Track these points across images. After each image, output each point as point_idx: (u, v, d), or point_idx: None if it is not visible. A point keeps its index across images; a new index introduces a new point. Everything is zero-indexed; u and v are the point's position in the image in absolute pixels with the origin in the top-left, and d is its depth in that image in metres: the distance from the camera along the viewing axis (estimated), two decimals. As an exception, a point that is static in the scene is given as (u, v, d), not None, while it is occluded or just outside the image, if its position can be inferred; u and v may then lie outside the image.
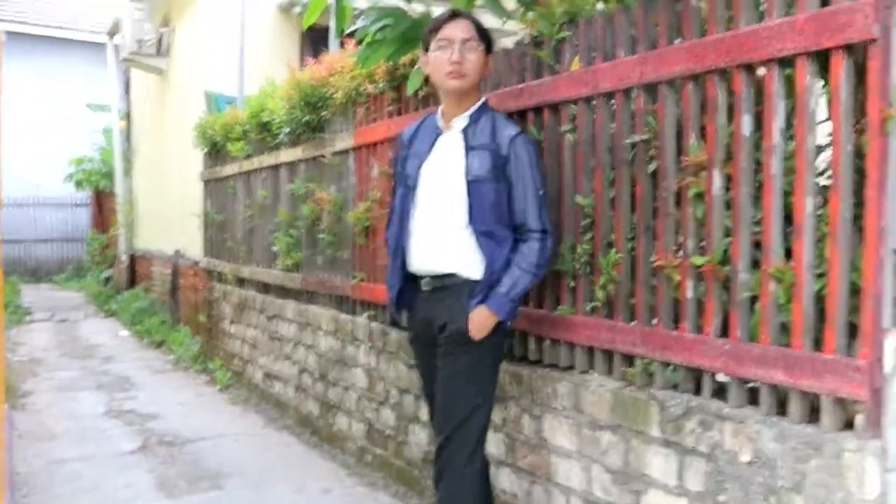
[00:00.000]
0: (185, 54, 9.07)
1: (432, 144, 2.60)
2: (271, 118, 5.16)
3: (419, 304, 2.63)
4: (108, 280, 12.81)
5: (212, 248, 6.88)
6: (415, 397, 3.62)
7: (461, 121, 2.57)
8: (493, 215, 2.48)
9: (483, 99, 2.62)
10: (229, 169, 6.24)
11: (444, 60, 2.49)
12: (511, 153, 2.50)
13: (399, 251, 2.63)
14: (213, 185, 6.81)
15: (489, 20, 3.18)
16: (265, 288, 5.63)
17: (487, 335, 2.47)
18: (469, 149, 2.52)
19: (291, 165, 5.08)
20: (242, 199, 6.04)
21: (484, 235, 2.47)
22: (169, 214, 9.40)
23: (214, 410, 5.46)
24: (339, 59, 4.37)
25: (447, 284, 2.53)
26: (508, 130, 2.53)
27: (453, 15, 2.56)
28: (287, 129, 4.92)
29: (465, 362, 2.50)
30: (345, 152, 4.34)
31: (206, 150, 6.82)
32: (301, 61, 6.71)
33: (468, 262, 2.50)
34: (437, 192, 2.55)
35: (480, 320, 2.45)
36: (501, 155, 2.50)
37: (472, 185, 2.48)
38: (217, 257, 6.70)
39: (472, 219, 2.48)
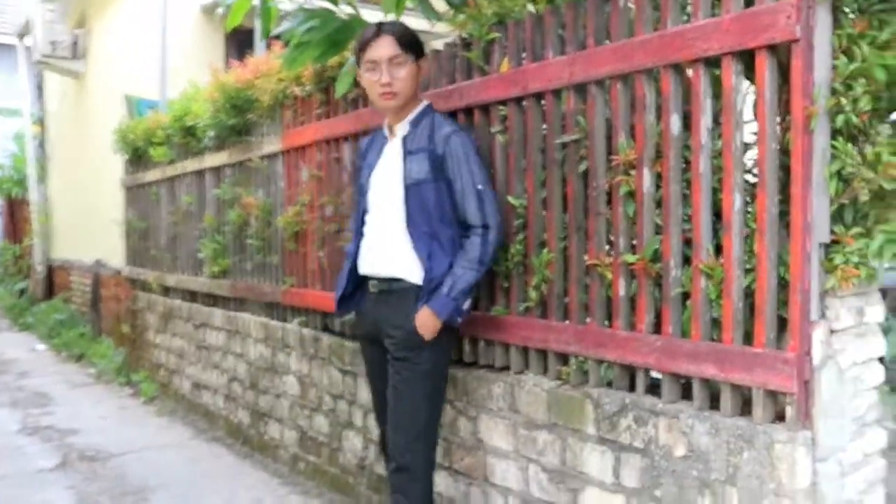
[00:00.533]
0: (104, 57, 8.79)
1: (379, 154, 2.69)
2: (196, 122, 5.03)
3: (367, 306, 2.69)
4: (22, 292, 12.26)
5: (135, 256, 6.66)
6: (348, 403, 3.57)
7: (402, 128, 2.64)
8: (436, 216, 2.53)
9: (424, 103, 2.68)
10: (152, 175, 6.06)
11: (374, 83, 2.55)
12: (446, 151, 2.54)
13: (352, 255, 2.72)
14: (135, 192, 6.59)
15: (419, 23, 3.17)
16: (192, 296, 5.48)
17: (435, 338, 2.50)
18: (407, 153, 2.58)
19: (217, 170, 4.96)
20: (166, 205, 5.87)
21: (424, 238, 2.51)
22: (88, 222, 9.08)
23: (139, 423, 5.28)
24: (264, 61, 4.28)
25: (394, 289, 2.58)
26: (444, 130, 2.57)
27: (377, 32, 2.56)
28: (212, 133, 4.80)
29: (415, 368, 2.52)
30: (273, 156, 4.25)
31: (127, 155, 6.60)
32: (226, 64, 6.58)
33: (412, 267, 2.54)
34: (381, 198, 2.63)
35: (423, 321, 2.48)
36: (438, 154, 2.54)
37: (411, 188, 2.53)
38: (141, 266, 6.49)
39: (410, 222, 2.53)
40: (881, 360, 2.05)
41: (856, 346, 1.96)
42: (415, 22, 2.96)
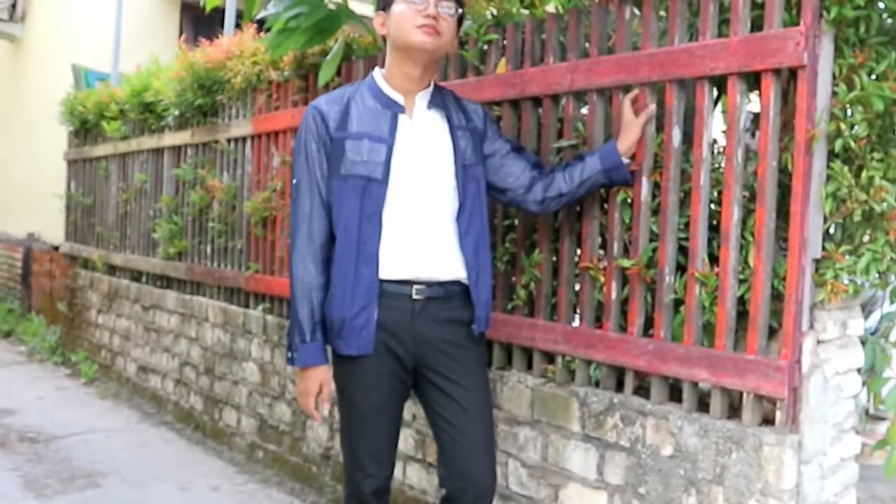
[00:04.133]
0: (46, 23, 8.45)
1: (393, 126, 2.13)
2: (157, 99, 4.91)
3: (398, 318, 2.12)
4: (-62, 263, 11.71)
5: (76, 232, 6.46)
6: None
7: (425, 95, 2.19)
8: (485, 205, 2.24)
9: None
10: (102, 149, 5.88)
11: (414, 13, 2.03)
12: (488, 125, 2.29)
13: (371, 258, 2.10)
14: (80, 166, 6.38)
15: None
16: (141, 276, 5.35)
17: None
18: (454, 129, 2.19)
19: (178, 150, 4.86)
20: (116, 181, 5.71)
21: (473, 232, 2.18)
22: (20, 194, 8.73)
23: (81, 405, 5.13)
24: (237, 42, 4.22)
25: (450, 294, 2.17)
26: (472, 104, 2.31)
27: None
28: (176, 112, 4.70)
29: (482, 377, 2.24)
30: (242, 139, 4.20)
31: (73, 128, 6.39)
32: (180, 40, 6.43)
33: (461, 265, 2.18)
34: (423, 184, 2.14)
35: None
36: (480, 130, 2.26)
37: (469, 171, 2.19)
38: (83, 242, 6.30)
39: (462, 212, 2.16)
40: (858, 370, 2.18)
41: (839, 357, 2.08)
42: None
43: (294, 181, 2.18)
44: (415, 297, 2.12)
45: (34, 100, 8.32)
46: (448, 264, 2.15)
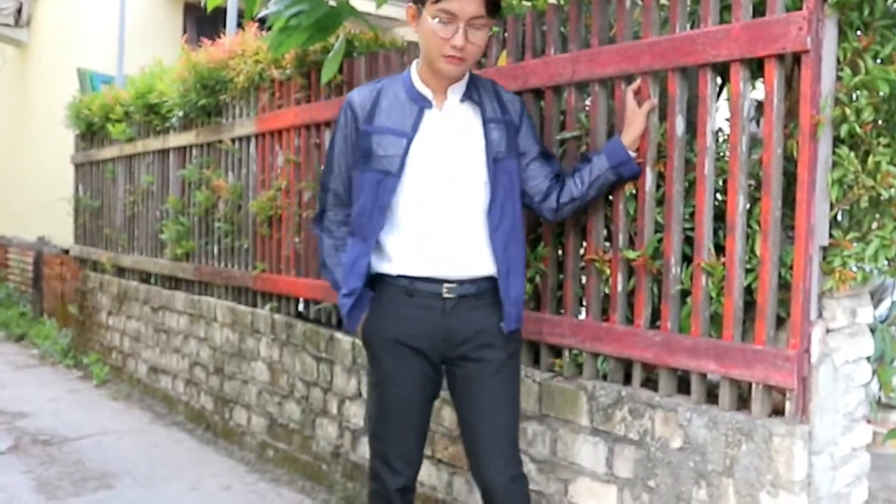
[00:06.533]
0: (51, 27, 8.48)
1: (418, 119, 2.12)
2: (161, 100, 4.91)
3: (428, 315, 2.13)
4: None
5: (85, 235, 6.48)
6: (323, 391, 3.56)
7: (458, 89, 2.17)
8: (517, 198, 2.18)
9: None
10: (108, 152, 5.89)
11: (442, 39, 2.02)
12: (524, 119, 2.24)
13: (368, 249, 2.16)
14: (87, 169, 6.40)
15: (402, 13, 3.16)
16: (149, 278, 5.36)
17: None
18: (487, 121, 2.15)
19: (183, 150, 4.86)
20: (123, 184, 5.72)
21: (504, 227, 2.14)
22: (30, 199, 8.77)
23: (93, 407, 5.15)
24: (239, 41, 4.21)
25: (483, 290, 2.14)
26: (509, 95, 2.25)
27: None
28: (180, 113, 4.70)
29: (514, 370, 2.23)
30: (246, 139, 4.19)
31: (80, 131, 6.40)
32: (182, 40, 6.43)
33: (491, 260, 2.15)
34: (450, 178, 2.12)
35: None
36: (515, 124, 2.20)
37: (499, 165, 2.13)
38: (92, 245, 6.32)
39: (493, 207, 2.12)
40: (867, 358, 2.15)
41: (849, 345, 2.06)
42: (397, 11, 2.95)
43: (323, 168, 2.31)
44: (446, 295, 2.12)
45: (41, 104, 8.35)
46: (477, 260, 2.14)
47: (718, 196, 2.21)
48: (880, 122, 1.97)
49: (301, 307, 3.85)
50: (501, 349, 2.18)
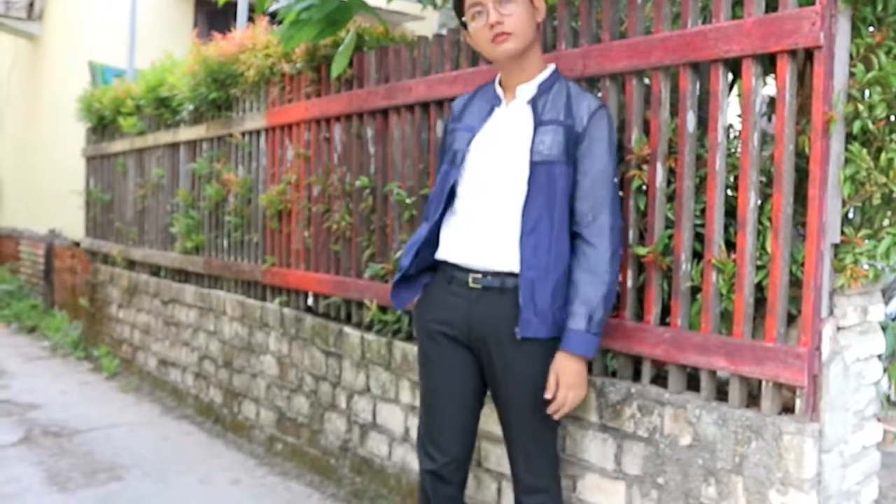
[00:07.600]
0: (63, 20, 8.51)
1: (486, 117, 2.23)
2: (172, 94, 4.92)
3: (456, 301, 2.19)
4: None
5: (96, 228, 6.51)
6: (332, 385, 3.57)
7: (528, 90, 2.20)
8: (560, 205, 2.10)
9: (552, 66, 2.27)
10: (119, 145, 5.91)
11: (482, 28, 2.11)
12: (589, 129, 2.11)
13: (425, 233, 2.26)
14: (98, 162, 6.43)
15: (413, 7, 3.16)
16: (160, 271, 5.38)
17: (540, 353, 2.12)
18: (539, 124, 2.13)
19: (193, 144, 4.87)
20: (134, 177, 5.74)
21: (539, 229, 2.09)
22: (41, 192, 8.82)
23: (103, 399, 5.18)
24: (249, 35, 4.22)
25: (507, 286, 2.12)
26: (588, 102, 2.15)
27: None
28: (191, 107, 4.71)
29: (525, 383, 2.15)
30: (256, 132, 4.20)
31: (91, 124, 6.43)
32: (194, 34, 6.44)
33: (517, 260, 2.12)
34: (489, 172, 2.17)
35: (570, 374, 2.07)
36: (577, 132, 2.11)
37: (539, 167, 2.09)
38: (103, 238, 6.34)
39: (528, 207, 2.09)
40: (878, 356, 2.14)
41: (860, 343, 2.05)
42: (407, 6, 2.95)
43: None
44: (472, 284, 2.17)
45: (53, 97, 8.39)
46: (502, 256, 2.13)
47: (729, 192, 2.20)
48: (893, 118, 1.95)
49: (310, 301, 3.86)
50: (521, 353, 2.12)
